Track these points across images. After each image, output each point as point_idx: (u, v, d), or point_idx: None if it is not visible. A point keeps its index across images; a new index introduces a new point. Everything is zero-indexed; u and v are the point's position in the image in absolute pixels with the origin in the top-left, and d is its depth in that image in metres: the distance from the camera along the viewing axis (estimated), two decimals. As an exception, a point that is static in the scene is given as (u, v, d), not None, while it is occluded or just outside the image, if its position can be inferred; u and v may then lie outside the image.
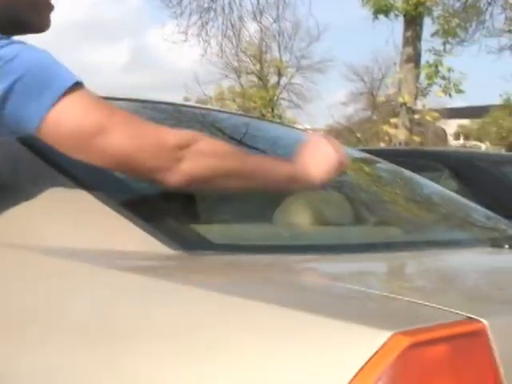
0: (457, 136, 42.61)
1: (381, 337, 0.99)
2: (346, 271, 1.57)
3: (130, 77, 63.96)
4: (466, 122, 41.59)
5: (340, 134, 40.51)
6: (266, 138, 2.46)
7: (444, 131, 38.60)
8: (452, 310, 1.11)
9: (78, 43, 72.14)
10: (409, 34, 13.82)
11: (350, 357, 1.01)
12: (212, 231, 1.65)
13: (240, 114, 3.26)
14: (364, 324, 1.04)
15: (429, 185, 2.71)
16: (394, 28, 14.43)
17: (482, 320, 1.07)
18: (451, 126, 39.95)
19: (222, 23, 17.20)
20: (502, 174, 4.37)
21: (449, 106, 31.18)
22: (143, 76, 66.10)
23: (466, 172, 4.43)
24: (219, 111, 3.02)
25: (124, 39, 73.98)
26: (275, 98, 37.91)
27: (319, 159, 1.71)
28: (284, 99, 38.87)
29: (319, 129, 42.06)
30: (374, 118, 37.94)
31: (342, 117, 41.36)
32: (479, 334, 1.06)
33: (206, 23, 17.19)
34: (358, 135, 39.86)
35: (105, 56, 68.17)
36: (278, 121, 35.83)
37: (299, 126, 36.79)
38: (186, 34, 17.28)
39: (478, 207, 2.57)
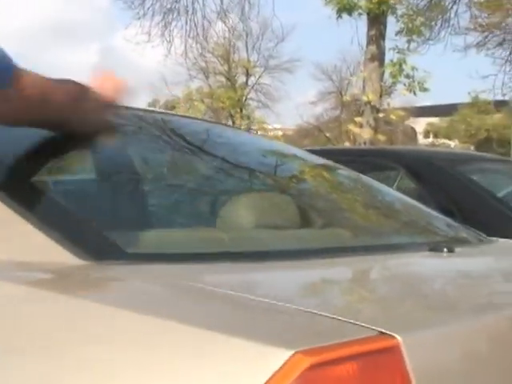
0: (426, 134, 42.73)
1: (279, 356, 0.90)
2: (263, 281, 1.47)
3: (98, 78, 63.44)
4: (435, 120, 41.71)
5: (309, 133, 40.58)
6: (227, 145, 2.39)
7: (413, 130, 38.72)
8: (364, 324, 1.02)
9: (47, 46, 71.69)
10: (373, 32, 13.75)
11: (247, 379, 0.92)
12: (128, 239, 1.55)
13: (202, 120, 3.19)
14: (262, 342, 0.95)
15: (382, 190, 2.62)
16: (358, 27, 14.35)
17: (395, 335, 0.98)
18: (420, 124, 40.07)
19: (186, 23, 17.03)
20: (458, 173, 4.30)
21: (418, 105, 31.25)
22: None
23: (423, 171, 4.36)
24: (180, 116, 2.97)
25: (93, 41, 73.46)
26: (244, 98, 37.80)
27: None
28: (252, 99, 38.81)
29: (288, 128, 42.15)
30: (343, 116, 37.95)
31: (311, 116, 41.27)
32: (392, 351, 0.97)
33: (169, 23, 17.01)
34: (328, 134, 39.83)
35: (74, 58, 67.65)
36: (241, 128, 36.06)
37: (268, 126, 36.77)
38: (149, 35, 17.09)
39: (426, 209, 2.48)
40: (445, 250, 1.80)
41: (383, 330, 0.98)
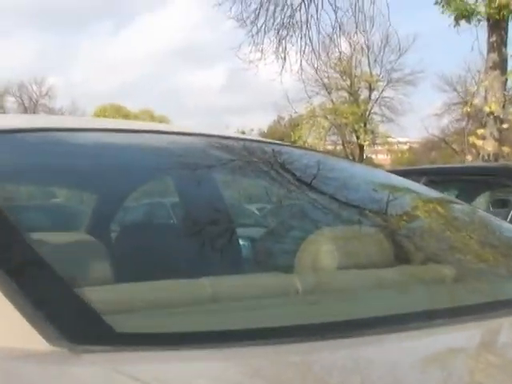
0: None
1: None
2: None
3: (225, 98, 64.69)
4: None
5: (435, 145, 39.84)
6: (336, 179, 2.31)
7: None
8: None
9: (177, 68, 73.52)
10: (493, 39, 13.26)
11: None
12: (123, 310, 1.26)
13: (313, 151, 3.12)
14: None
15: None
16: (478, 34, 13.87)
17: None
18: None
19: (301, 39, 16.94)
20: None
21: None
22: (238, 97, 66.73)
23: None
24: (291, 147, 2.91)
25: (220, 62, 74.77)
26: (367, 112, 37.53)
27: None
28: (376, 113, 38.46)
29: (414, 142, 41.52)
30: (469, 128, 37.06)
31: (437, 128, 40.50)
32: None
33: (284, 39, 16.93)
34: (454, 147, 38.99)
35: (202, 79, 69.12)
36: (366, 143, 35.58)
37: (393, 140, 36.25)
38: (262, 53, 17.06)
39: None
40: None
41: None
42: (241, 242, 2.23)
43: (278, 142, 2.77)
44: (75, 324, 1.12)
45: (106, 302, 1.22)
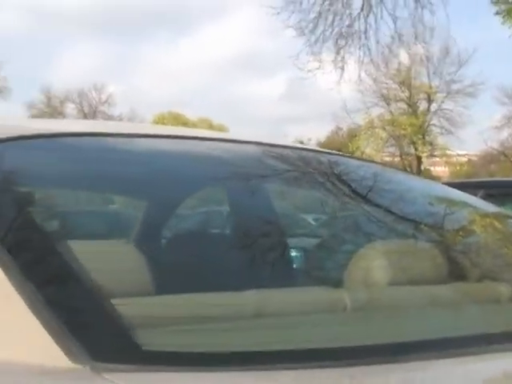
0: None
1: None
2: None
3: (284, 108, 64.77)
4: None
5: (494, 159, 39.27)
6: (392, 192, 2.23)
7: None
8: None
9: (236, 77, 73.95)
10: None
11: None
12: (154, 326, 1.16)
13: (370, 161, 3.04)
14: None
15: None
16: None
17: None
18: None
19: (359, 49, 16.80)
20: None
21: None
22: (297, 107, 66.75)
23: None
24: (348, 157, 2.84)
25: (280, 71, 74.87)
26: (426, 124, 37.14)
27: None
28: (435, 125, 37.99)
29: (472, 154, 40.99)
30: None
31: (496, 141, 39.86)
32: None
33: (342, 49, 16.80)
34: (514, 160, 38.37)
35: (261, 88, 69.36)
36: (424, 155, 35.15)
37: (451, 152, 35.86)
38: (321, 62, 16.95)
39: None
40: None
41: None
42: (294, 253, 2.16)
43: (334, 152, 2.70)
44: (99, 339, 1.03)
45: (135, 317, 1.13)
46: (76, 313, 1.09)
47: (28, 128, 1.88)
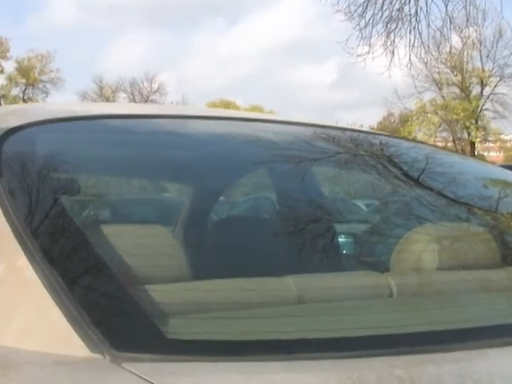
0: None
1: None
2: None
3: (336, 94, 64.46)
4: None
5: (549, 143, 38.56)
6: (445, 175, 2.14)
7: None
8: None
9: (288, 64, 73.83)
10: None
11: None
12: (184, 312, 1.09)
13: (420, 143, 2.95)
14: None
15: None
16: None
17: None
18: None
19: (410, 32, 16.49)
20: None
21: None
22: (348, 93, 66.40)
23: None
24: (399, 139, 2.76)
25: (330, 58, 74.41)
26: (479, 109, 36.59)
27: None
28: (488, 110, 37.41)
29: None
30: None
31: (552, 125, 39.11)
32: None
33: (392, 33, 16.50)
34: None
35: (313, 74, 69.15)
36: (477, 140, 34.69)
37: (505, 137, 35.36)
38: (370, 46, 16.69)
39: None
40: None
41: None
42: (343, 239, 2.09)
43: (385, 133, 2.62)
44: (119, 327, 0.97)
45: (160, 303, 1.07)
46: (96, 299, 1.02)
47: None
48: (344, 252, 2.10)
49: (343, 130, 2.24)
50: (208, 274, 1.32)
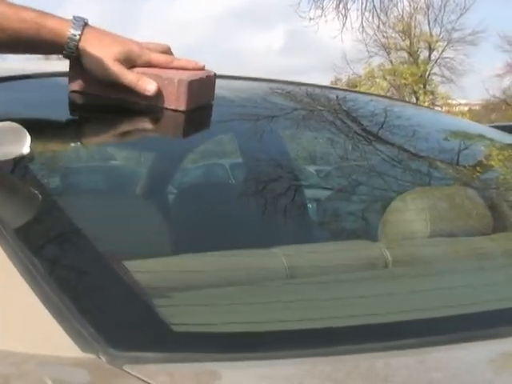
0: None
1: None
2: None
3: (285, 60, 64.19)
4: None
5: (496, 107, 38.96)
6: (405, 127, 2.00)
7: None
8: None
9: (232, 31, 73.40)
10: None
11: None
12: (179, 296, 0.92)
13: (382, 96, 2.83)
14: None
15: None
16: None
17: None
18: None
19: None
20: None
21: None
22: (297, 59, 66.16)
23: None
24: (356, 93, 2.64)
25: (278, 24, 73.95)
26: (427, 73, 36.73)
27: None
28: (436, 74, 37.55)
29: (474, 103, 40.71)
30: (533, 89, 36.13)
31: (498, 90, 39.38)
32: None
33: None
34: (516, 108, 38.04)
35: (261, 41, 68.79)
36: (424, 104, 34.92)
37: (453, 102, 35.75)
38: (323, 9, 16.54)
39: None
40: None
41: None
42: (313, 205, 1.97)
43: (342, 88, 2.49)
44: (118, 319, 0.78)
45: (162, 287, 0.90)
46: (86, 286, 0.84)
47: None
48: (324, 219, 1.97)
49: (298, 84, 2.10)
50: (192, 247, 1.16)
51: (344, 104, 2.00)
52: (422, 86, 35.96)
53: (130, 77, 1.33)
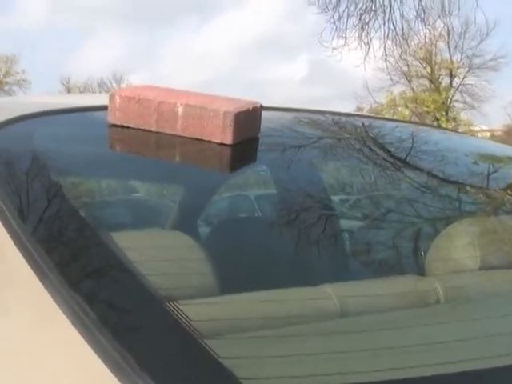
0: None
1: None
2: None
3: (307, 90, 64.34)
4: None
5: (519, 133, 38.75)
6: (433, 152, 1.94)
7: None
8: None
9: (260, 60, 73.81)
10: None
11: None
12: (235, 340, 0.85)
13: (407, 122, 2.78)
14: None
15: None
16: None
17: None
18: None
19: (384, 24, 16.33)
20: None
21: None
22: (318, 88, 66.30)
23: None
24: (383, 119, 2.59)
25: (301, 54, 74.20)
26: (448, 100, 36.62)
27: None
28: (458, 101, 37.43)
29: (496, 129, 40.50)
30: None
31: (520, 115, 39.18)
32: None
33: (366, 24, 16.34)
34: (540, 133, 37.81)
35: (284, 71, 69.00)
36: (451, 129, 34.80)
37: (475, 128, 35.65)
38: (346, 39, 16.53)
39: None
40: None
41: None
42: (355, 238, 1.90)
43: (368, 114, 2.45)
44: (179, 372, 0.69)
45: (215, 331, 0.82)
46: (144, 337, 0.74)
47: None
48: (369, 252, 1.91)
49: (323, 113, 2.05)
50: (237, 286, 1.10)
51: (389, 135, 1.95)
52: (444, 113, 35.82)
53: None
